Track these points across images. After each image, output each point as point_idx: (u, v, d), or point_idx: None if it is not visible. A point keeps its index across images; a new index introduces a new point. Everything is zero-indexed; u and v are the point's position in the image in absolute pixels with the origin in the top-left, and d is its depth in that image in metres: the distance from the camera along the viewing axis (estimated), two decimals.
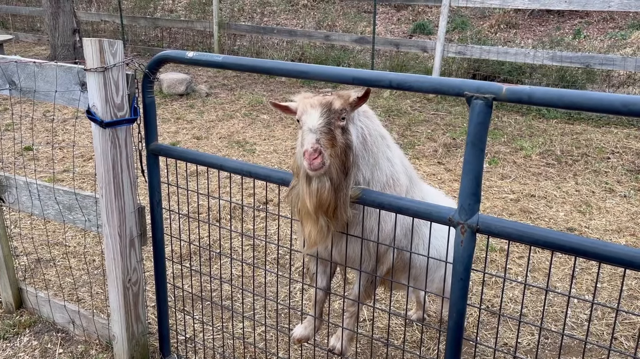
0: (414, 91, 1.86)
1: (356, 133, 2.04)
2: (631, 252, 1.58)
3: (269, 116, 7.53)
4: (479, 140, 1.71)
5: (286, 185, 2.15)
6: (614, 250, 1.62)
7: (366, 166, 2.07)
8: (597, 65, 7.46)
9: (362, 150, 2.06)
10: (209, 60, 2.23)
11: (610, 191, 5.05)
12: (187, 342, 3.03)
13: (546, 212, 4.60)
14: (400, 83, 1.88)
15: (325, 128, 1.91)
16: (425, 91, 1.84)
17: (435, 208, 1.92)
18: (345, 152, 1.95)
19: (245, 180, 4.56)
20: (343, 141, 1.95)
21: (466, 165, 1.75)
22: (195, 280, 3.50)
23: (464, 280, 1.84)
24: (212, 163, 2.39)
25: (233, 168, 2.29)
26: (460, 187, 1.78)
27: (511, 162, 5.79)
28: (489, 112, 1.69)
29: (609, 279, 3.66)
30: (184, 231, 4.18)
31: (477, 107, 1.69)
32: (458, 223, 1.80)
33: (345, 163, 1.95)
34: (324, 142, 1.88)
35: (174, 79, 8.52)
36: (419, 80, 1.84)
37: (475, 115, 1.69)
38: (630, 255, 1.57)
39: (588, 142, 6.32)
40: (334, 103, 1.95)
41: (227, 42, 11.44)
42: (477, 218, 1.77)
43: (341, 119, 1.95)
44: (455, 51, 8.40)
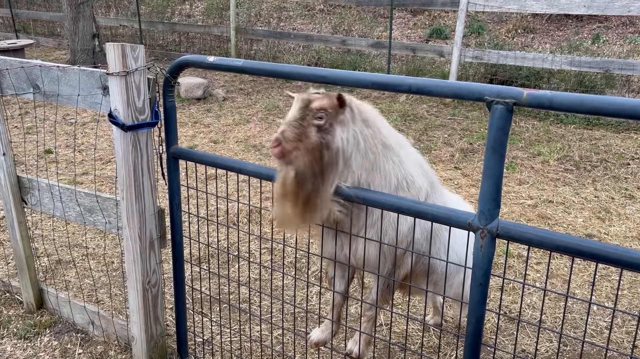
0: (433, 96, 1.86)
1: (345, 136, 2.07)
2: None
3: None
4: (500, 145, 1.71)
5: None
6: (635, 256, 1.60)
7: (361, 169, 2.11)
8: (616, 70, 7.38)
9: (355, 153, 2.10)
10: (229, 65, 2.26)
11: (630, 197, 4.99)
12: (205, 344, 3.05)
13: (564, 218, 4.56)
14: (419, 88, 1.88)
15: (297, 123, 2.02)
16: (445, 96, 1.84)
17: (454, 212, 1.92)
18: (319, 150, 2.02)
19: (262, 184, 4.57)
20: (317, 139, 2.01)
21: (486, 170, 1.75)
22: (213, 283, 3.52)
23: (483, 285, 1.84)
24: (231, 166, 2.41)
25: (252, 172, 2.31)
26: (480, 192, 1.78)
27: (529, 167, 5.74)
28: (510, 117, 1.69)
29: (629, 286, 3.62)
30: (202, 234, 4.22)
31: (498, 111, 1.69)
32: (478, 228, 1.80)
33: (320, 160, 2.02)
34: (290, 135, 2.00)
35: (191, 83, 8.60)
36: (439, 85, 1.85)
37: (495, 120, 1.69)
38: None
39: (607, 147, 6.25)
40: (314, 102, 2.03)
41: (244, 46, 11.51)
42: (497, 223, 1.77)
43: (317, 118, 2.02)
44: (472, 56, 8.36)
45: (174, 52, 11.69)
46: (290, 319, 3.30)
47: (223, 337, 3.14)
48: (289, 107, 8.43)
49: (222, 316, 3.29)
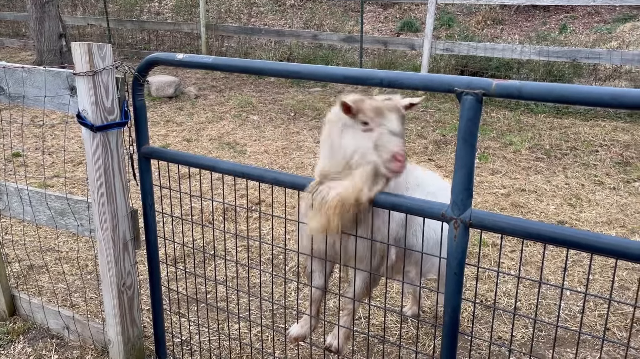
0: (404, 88, 1.87)
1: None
2: (622, 243, 1.61)
3: (259, 117, 7.52)
4: (470, 135, 1.72)
5: (279, 185, 2.16)
6: (605, 241, 1.64)
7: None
8: (583, 59, 7.52)
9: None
10: (199, 61, 2.24)
11: (599, 183, 5.09)
12: (183, 344, 3.03)
13: (537, 206, 4.64)
14: (391, 81, 1.89)
15: (403, 133, 2.03)
16: (416, 88, 1.85)
17: (428, 204, 1.94)
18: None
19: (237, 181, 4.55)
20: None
21: (458, 160, 1.76)
22: (190, 282, 3.49)
23: (458, 274, 1.86)
24: (204, 164, 2.38)
25: (226, 169, 2.29)
26: (453, 183, 1.79)
27: (501, 157, 5.82)
28: (479, 107, 1.70)
29: (600, 271, 3.70)
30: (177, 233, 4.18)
31: (468, 102, 1.70)
32: (451, 218, 1.81)
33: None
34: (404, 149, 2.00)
35: (162, 82, 8.49)
36: (410, 78, 1.86)
37: (465, 110, 1.71)
38: (621, 245, 1.59)
39: (576, 135, 6.37)
40: (403, 111, 2.05)
41: (214, 43, 11.41)
42: (469, 213, 1.79)
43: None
44: (443, 48, 8.43)
45: (144, 51, 11.53)
46: (270, 316, 3.29)
47: (202, 336, 3.11)
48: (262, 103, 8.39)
49: (200, 315, 3.27)
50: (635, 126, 6.58)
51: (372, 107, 2.01)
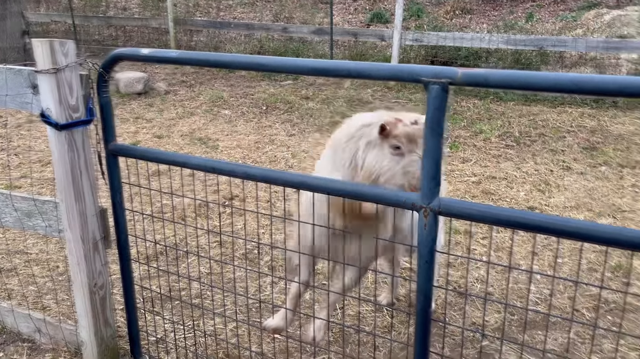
0: (372, 79, 1.88)
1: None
2: (588, 226, 1.64)
3: (230, 111, 7.47)
4: (437, 124, 1.74)
5: (251, 179, 2.15)
6: (572, 225, 1.67)
7: None
8: (549, 47, 7.65)
9: None
10: (164, 56, 2.21)
11: (567, 169, 5.20)
12: (158, 343, 3.00)
13: (507, 193, 4.72)
14: (359, 72, 1.89)
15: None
16: (384, 78, 1.86)
17: (397, 193, 1.95)
18: None
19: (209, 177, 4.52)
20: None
21: (427, 150, 1.78)
22: (164, 280, 3.46)
23: (429, 262, 1.87)
24: (174, 161, 2.36)
25: (196, 165, 2.26)
26: (422, 172, 1.81)
27: (471, 145, 5.90)
28: (446, 96, 1.72)
29: (569, 254, 3.78)
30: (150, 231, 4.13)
31: (434, 92, 1.71)
32: (420, 207, 1.83)
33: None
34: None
35: (131, 78, 8.35)
36: (378, 68, 1.86)
37: (432, 100, 1.72)
38: (587, 229, 1.63)
39: (544, 122, 6.48)
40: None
41: (183, 38, 11.27)
42: (438, 201, 1.81)
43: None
44: (413, 39, 8.48)
45: (111, 47, 11.31)
46: (245, 311, 3.28)
47: (177, 334, 3.09)
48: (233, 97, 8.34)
49: (176, 313, 3.25)
50: (601, 112, 6.73)
51: (405, 133, 2.10)
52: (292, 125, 6.86)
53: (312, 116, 7.19)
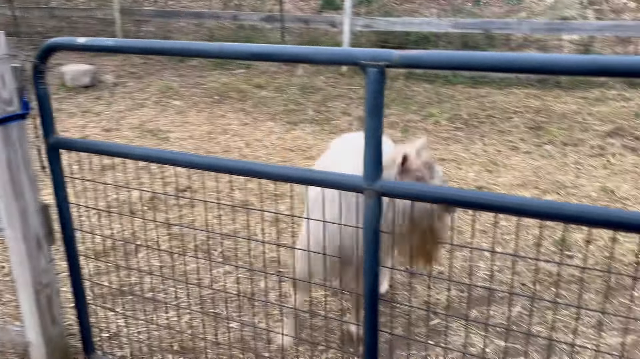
0: (312, 63, 1.89)
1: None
2: (523, 201, 1.70)
3: (181, 102, 7.35)
4: (376, 107, 1.76)
5: (194, 167, 2.13)
6: (508, 201, 1.72)
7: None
8: (495, 30, 7.81)
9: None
10: (101, 45, 2.15)
11: (514, 148, 5.35)
12: (112, 338, 2.96)
13: (457, 174, 4.82)
14: (299, 56, 1.90)
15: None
16: (323, 62, 1.87)
17: (342, 176, 1.98)
18: None
19: (159, 169, 4.45)
20: None
21: (367, 133, 1.80)
22: (116, 275, 3.40)
23: (375, 242, 1.91)
24: (117, 152, 2.31)
25: (139, 155, 2.23)
26: (364, 155, 1.83)
27: (422, 129, 5.99)
28: (383, 79, 1.74)
29: (515, 231, 3.90)
30: (101, 227, 4.04)
31: (372, 74, 1.73)
32: (363, 189, 1.86)
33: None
34: None
35: (77, 71, 8.11)
36: (316, 53, 1.87)
37: (370, 83, 1.74)
38: (522, 204, 1.68)
39: (492, 103, 6.64)
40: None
41: (131, 29, 10.98)
42: (381, 184, 1.83)
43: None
44: (363, 24, 8.51)
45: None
46: (201, 303, 3.26)
47: (132, 328, 3.05)
48: (184, 88, 8.20)
49: (129, 308, 3.20)
50: (546, 92, 6.93)
51: (423, 163, 2.32)
52: (246, 114, 6.81)
53: (265, 104, 7.15)
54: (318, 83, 7.96)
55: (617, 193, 4.32)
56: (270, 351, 2.90)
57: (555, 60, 1.45)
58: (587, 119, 5.93)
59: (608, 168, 4.80)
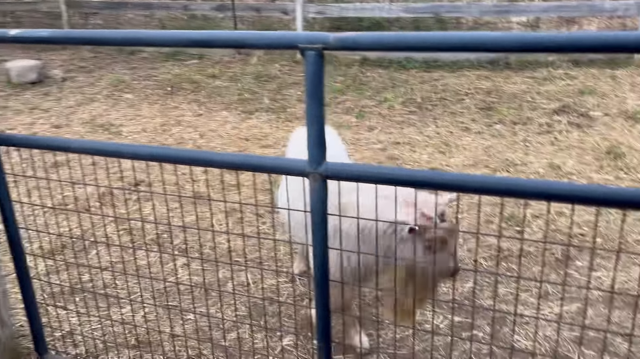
0: (252, 48, 1.89)
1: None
2: (460, 177, 1.75)
3: (133, 95, 7.21)
4: (316, 90, 1.76)
5: (138, 158, 2.10)
6: (448, 178, 1.77)
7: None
8: (445, 13, 7.92)
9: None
10: (35, 36, 2.09)
11: (466, 129, 5.46)
12: (65, 337, 2.90)
13: (411, 156, 4.89)
14: (236, 41, 1.89)
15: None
16: (261, 47, 1.86)
17: (288, 162, 1.99)
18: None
19: (113, 164, 4.36)
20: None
21: (308, 117, 1.81)
22: (70, 273, 3.33)
23: (322, 225, 1.92)
24: (57, 146, 2.26)
25: (79, 148, 2.18)
26: (307, 139, 1.84)
27: (377, 114, 6.04)
28: (321, 62, 1.74)
29: (467, 209, 3.99)
30: (53, 224, 3.95)
31: (310, 58, 1.74)
32: (309, 172, 1.87)
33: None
34: None
35: (23, 67, 7.85)
36: (254, 37, 1.86)
37: (309, 66, 1.74)
38: (460, 180, 1.73)
39: (445, 86, 6.74)
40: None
41: (79, 21, 10.67)
42: (325, 166, 1.85)
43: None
44: (316, 11, 8.50)
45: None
46: (158, 296, 3.23)
47: (87, 326, 3.01)
48: (136, 80, 8.04)
49: (84, 305, 3.14)
50: (496, 74, 7.08)
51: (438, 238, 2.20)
52: (199, 105, 6.73)
53: (219, 94, 7.08)
54: (273, 71, 7.92)
55: (563, 168, 4.47)
56: (228, 340, 2.91)
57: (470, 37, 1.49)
58: (536, 98, 6.10)
59: (555, 145, 4.95)
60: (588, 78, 6.57)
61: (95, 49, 9.53)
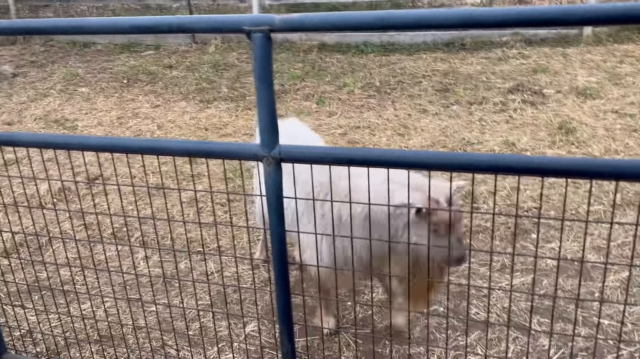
0: (196, 32, 1.87)
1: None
2: (406, 154, 1.77)
3: (88, 88, 7.04)
4: (265, 73, 1.76)
5: (87, 149, 2.06)
6: (397, 155, 1.79)
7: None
8: None
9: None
10: None
11: (423, 111, 5.52)
12: (25, 336, 2.85)
13: (370, 140, 4.93)
14: (180, 26, 1.85)
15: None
16: (206, 31, 1.84)
17: (241, 146, 1.98)
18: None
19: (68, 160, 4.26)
20: None
21: (259, 101, 1.80)
22: (27, 272, 3.26)
23: (278, 207, 1.93)
24: (3, 140, 2.20)
25: (26, 142, 2.12)
26: (259, 123, 1.83)
27: (337, 99, 6.05)
28: (269, 44, 1.74)
29: None
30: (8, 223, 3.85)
31: (258, 40, 1.73)
32: (262, 156, 1.86)
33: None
34: None
35: None
36: (199, 21, 1.84)
37: (257, 49, 1.73)
38: (405, 156, 1.75)
39: (402, 70, 6.79)
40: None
41: (28, 15, 10.33)
42: (278, 149, 1.85)
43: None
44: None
45: None
46: (119, 290, 3.19)
47: (47, 324, 2.95)
48: (90, 74, 7.84)
49: (43, 303, 3.08)
50: (452, 56, 7.16)
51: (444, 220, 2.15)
52: (157, 96, 6.62)
53: (176, 85, 6.97)
54: (231, 59, 7.84)
55: (518, 145, 4.57)
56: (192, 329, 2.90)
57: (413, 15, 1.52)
58: (491, 78, 6.20)
59: (510, 123, 5.06)
60: (541, 57, 6.72)
61: (47, 42, 9.27)
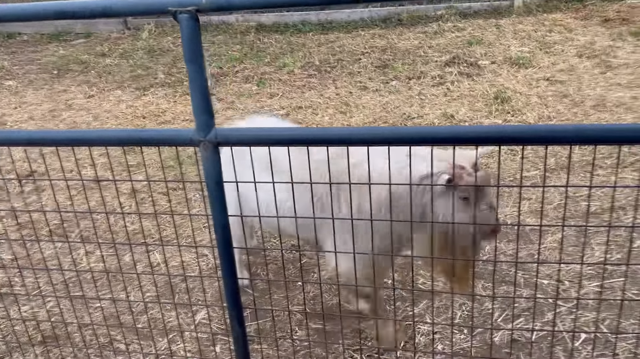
0: (121, 16, 1.80)
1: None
2: (345, 132, 1.77)
3: (15, 81, 6.70)
4: (195, 55, 1.71)
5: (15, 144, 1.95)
6: (335, 133, 1.79)
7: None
8: None
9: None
10: None
11: (364, 88, 5.55)
12: None
13: (313, 119, 4.92)
14: (105, 8, 1.78)
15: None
16: (131, 14, 1.78)
17: (176, 132, 1.94)
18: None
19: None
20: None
21: (191, 84, 1.75)
22: None
23: (219, 193, 1.90)
24: None
25: None
26: (192, 106, 1.79)
27: (277, 80, 6.00)
28: (196, 25, 1.68)
29: None
30: None
31: (185, 21, 1.67)
32: (199, 141, 1.82)
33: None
34: None
35: None
36: (124, 3, 1.76)
37: (184, 30, 1.68)
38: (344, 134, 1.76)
39: (341, 48, 6.78)
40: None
41: None
42: (215, 133, 1.81)
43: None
44: None
45: None
46: (61, 289, 3.08)
47: None
48: (17, 66, 7.47)
49: None
50: (389, 31, 7.20)
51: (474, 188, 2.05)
52: (90, 86, 6.37)
53: (110, 73, 6.72)
54: (166, 44, 7.62)
55: (456, 116, 4.67)
56: (141, 322, 2.84)
57: None
58: (428, 52, 6.28)
59: (448, 95, 5.15)
60: (475, 29, 6.84)
61: None
